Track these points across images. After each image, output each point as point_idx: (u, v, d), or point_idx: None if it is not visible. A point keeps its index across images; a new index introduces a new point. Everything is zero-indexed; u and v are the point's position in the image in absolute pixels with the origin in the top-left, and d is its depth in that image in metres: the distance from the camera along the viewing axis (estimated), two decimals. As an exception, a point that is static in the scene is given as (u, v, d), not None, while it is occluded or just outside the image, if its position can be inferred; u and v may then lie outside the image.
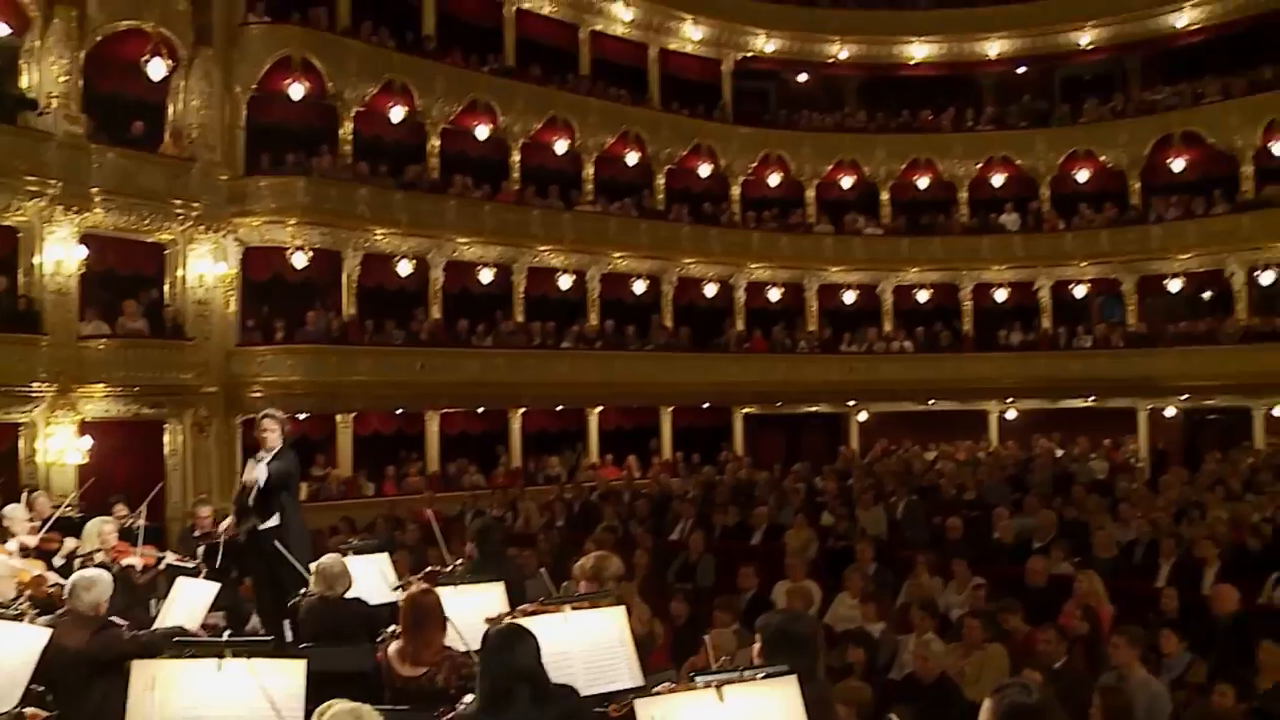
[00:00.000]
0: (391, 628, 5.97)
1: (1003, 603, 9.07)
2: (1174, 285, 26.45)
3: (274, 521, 9.10)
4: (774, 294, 27.98)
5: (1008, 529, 12.57)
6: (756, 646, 4.89)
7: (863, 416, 28.55)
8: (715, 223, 27.37)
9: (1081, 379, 26.07)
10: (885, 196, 29.13)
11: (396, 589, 7.68)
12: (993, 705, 3.78)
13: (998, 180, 28.73)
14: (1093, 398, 26.31)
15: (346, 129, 21.59)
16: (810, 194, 29.00)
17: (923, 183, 29.00)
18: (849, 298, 28.55)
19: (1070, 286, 27.73)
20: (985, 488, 16.50)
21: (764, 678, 4.29)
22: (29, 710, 3.92)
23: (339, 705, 3.78)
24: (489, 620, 5.55)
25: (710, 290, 27.09)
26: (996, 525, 12.82)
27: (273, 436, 9.18)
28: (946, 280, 28.51)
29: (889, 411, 28.24)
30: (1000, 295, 28.20)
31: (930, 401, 27.52)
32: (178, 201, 18.70)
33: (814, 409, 28.35)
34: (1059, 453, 21.52)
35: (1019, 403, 27.51)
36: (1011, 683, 4.02)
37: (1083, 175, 28.07)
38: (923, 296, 28.50)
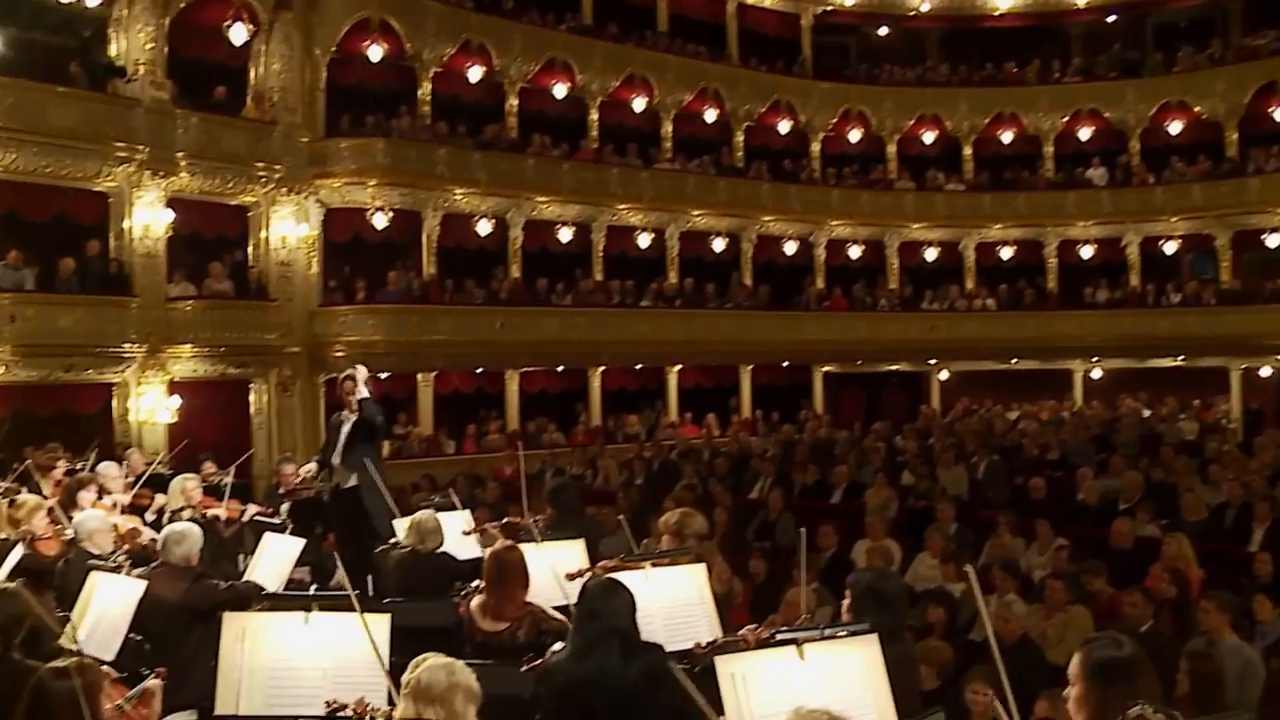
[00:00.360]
0: (474, 583, 6.03)
1: (1086, 564, 8.93)
2: (1272, 240, 25.49)
3: (354, 481, 9.22)
4: (854, 251, 27.69)
5: (1092, 490, 12.37)
6: (845, 603, 4.88)
7: (944, 375, 28.22)
8: (795, 180, 27.10)
9: (1170, 337, 25.38)
10: (968, 151, 28.59)
11: (468, 534, 7.77)
12: (1082, 658, 3.73)
13: (1085, 133, 28.00)
14: (1182, 357, 25.62)
15: (425, 89, 21.71)
16: (891, 150, 28.57)
17: (1006, 137, 28.40)
18: (930, 255, 28.15)
19: (1160, 242, 26.99)
20: (1069, 448, 16.25)
21: (846, 636, 4.28)
22: (149, 682, 4.06)
23: (433, 659, 3.83)
24: (569, 576, 5.59)
25: (790, 248, 26.86)
26: (1080, 486, 12.63)
27: (354, 397, 9.30)
28: (1030, 237, 27.96)
29: (971, 370, 27.87)
30: (1086, 252, 27.52)
31: (1013, 360, 27.09)
32: (260, 164, 18.97)
33: (894, 368, 28.11)
34: (1146, 413, 21.12)
35: (1104, 362, 26.96)
36: (1101, 636, 3.97)
37: (1175, 127, 27.19)
38: (1006, 253, 27.99)
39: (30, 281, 16.41)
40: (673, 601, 5.51)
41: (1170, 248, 26.93)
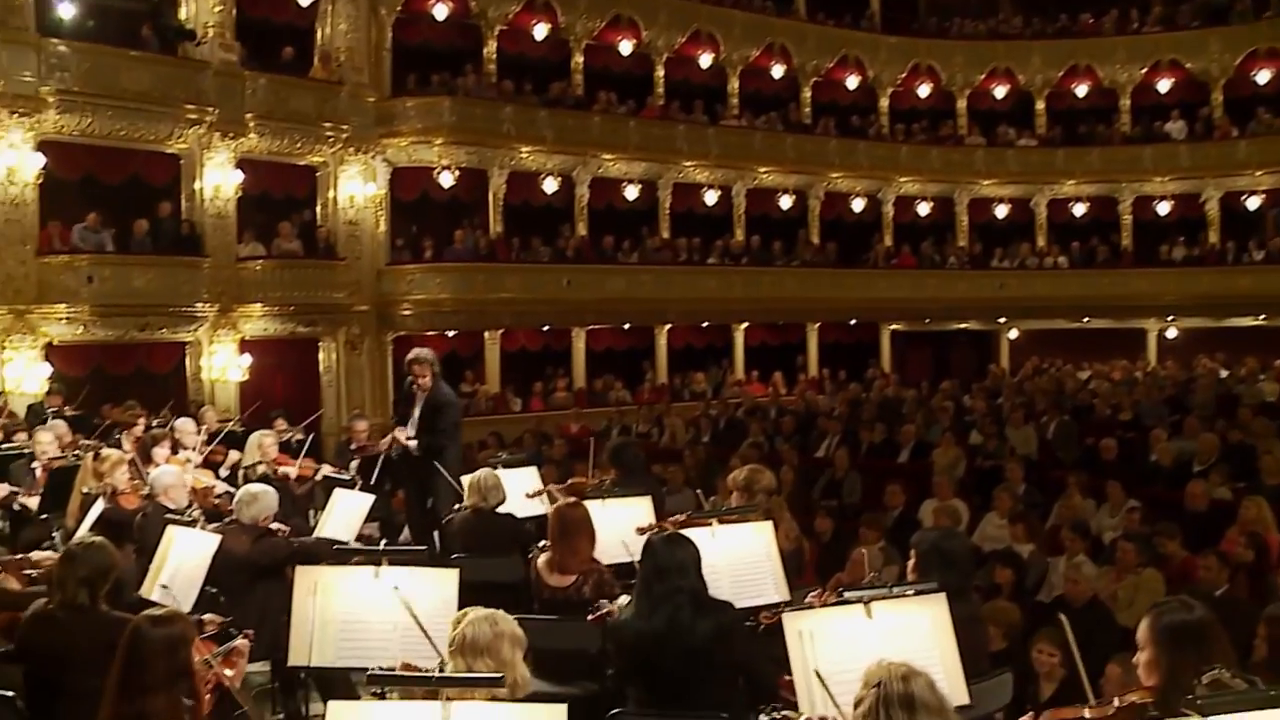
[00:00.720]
0: (542, 542, 6.08)
1: (1160, 526, 8.78)
2: (1363, 195, 24.64)
3: (421, 450, 9.30)
4: (923, 208, 27.33)
5: (1166, 451, 12.13)
6: (910, 562, 4.86)
7: (1013, 334, 27.86)
8: (863, 136, 26.76)
9: (1251, 296, 24.72)
10: (1040, 106, 28.01)
11: (533, 496, 7.83)
12: (1151, 622, 3.69)
13: (1164, 85, 27.24)
14: (1263, 316, 24.97)
15: (490, 48, 21.72)
16: (961, 105, 28.08)
17: (1081, 90, 27.77)
18: (1001, 212, 27.72)
19: (1242, 198, 26.22)
20: (1142, 408, 15.95)
21: (913, 595, 4.26)
22: (207, 616, 4.18)
23: (474, 612, 3.88)
24: (640, 530, 5.62)
25: (858, 205, 26.58)
26: (1153, 447, 12.40)
27: (424, 380, 9.40)
28: (1105, 193, 27.35)
29: (1041, 329, 27.47)
30: (1163, 208, 26.84)
31: (1085, 319, 26.65)
32: (327, 124, 19.10)
33: (963, 326, 27.78)
34: (1223, 373, 20.64)
35: (1180, 321, 26.41)
36: (1171, 599, 3.91)
37: (1263, 77, 26.27)
38: (1079, 210, 27.44)
39: (109, 243, 16.76)
40: (740, 558, 5.52)
41: (1253, 203, 26.15)
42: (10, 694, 4.48)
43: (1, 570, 5.37)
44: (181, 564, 6.10)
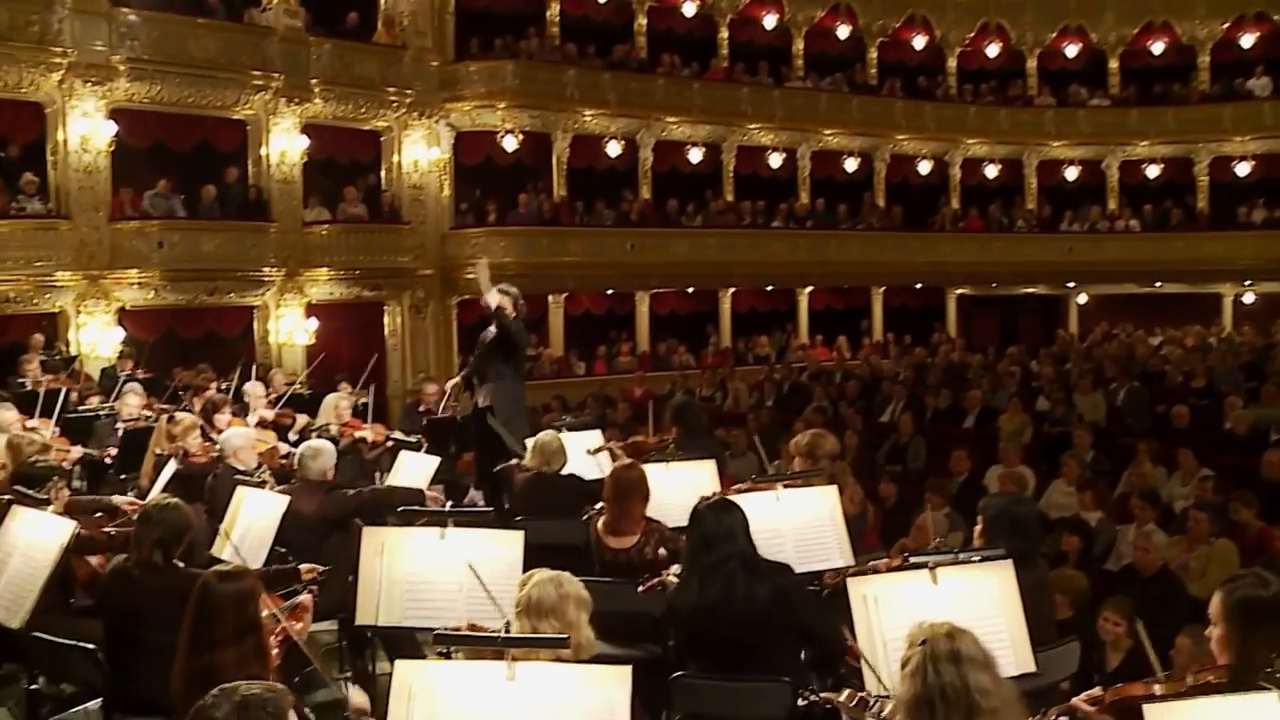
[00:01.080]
0: (598, 504, 6.09)
1: (1235, 495, 8.61)
2: None
3: (487, 400, 9.28)
4: (991, 171, 26.90)
5: (1241, 419, 11.86)
6: (977, 528, 4.81)
7: (1082, 299, 27.42)
8: (930, 97, 26.37)
9: (1336, 259, 24.07)
10: (1114, 64, 27.34)
11: (594, 452, 7.83)
12: (1224, 597, 3.62)
13: (1247, 41, 26.35)
14: (1349, 281, 24.33)
15: (553, 10, 21.68)
16: (1031, 64, 27.49)
17: (1157, 48, 27.04)
18: (1071, 174, 27.20)
19: (1328, 157, 25.48)
20: (1216, 375, 15.60)
21: (980, 561, 4.22)
22: (305, 565, 4.25)
23: (540, 574, 3.90)
24: (704, 499, 5.61)
25: (924, 167, 26.22)
26: (1228, 415, 12.13)
27: (508, 309, 9.32)
28: (1180, 154, 26.67)
29: (1110, 294, 27.00)
30: (1242, 169, 26.06)
31: (1157, 284, 26.14)
32: (391, 89, 19.19)
33: (1031, 290, 27.39)
34: (1303, 338, 20.16)
35: (1258, 285, 25.77)
36: (1246, 574, 3.83)
37: (1354, 29, 25.46)
38: (1153, 172, 26.82)
39: (178, 209, 17.02)
40: (804, 523, 5.50)
41: (1340, 163, 25.38)
42: (91, 647, 4.60)
43: (84, 529, 5.50)
44: (251, 524, 6.20)
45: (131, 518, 6.36)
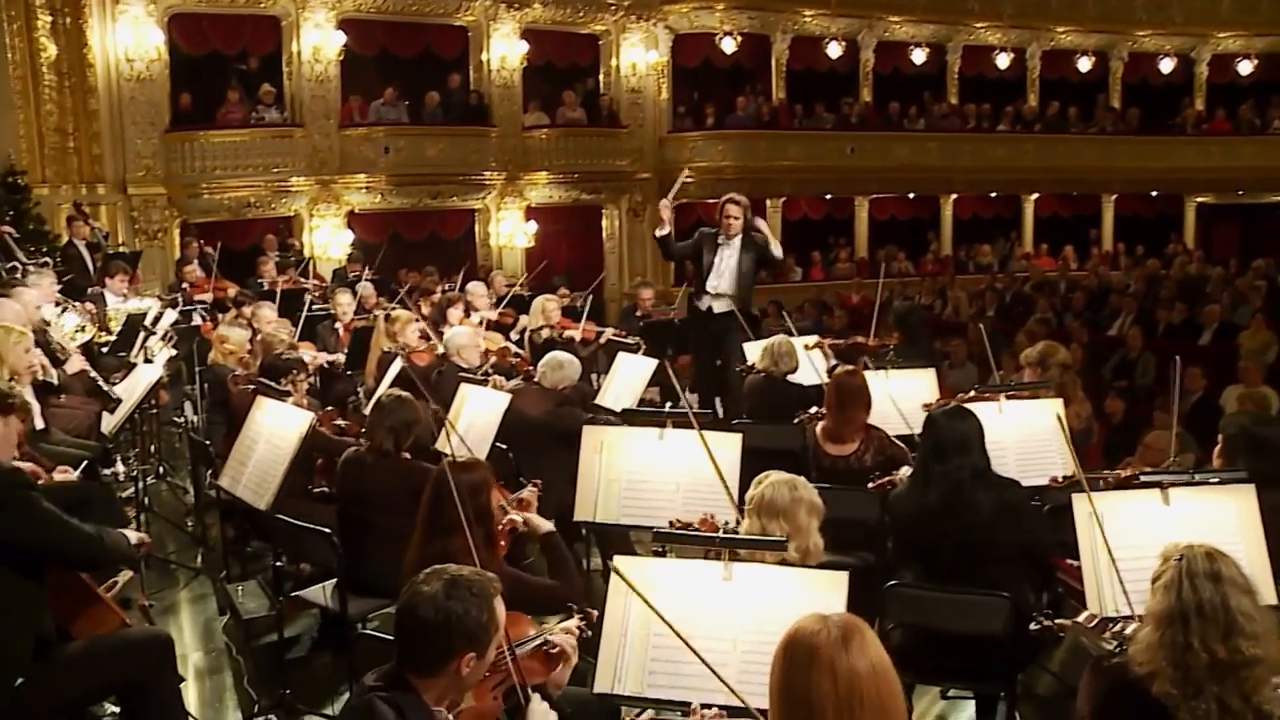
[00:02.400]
0: (812, 409, 6.05)
1: None
2: None
3: (725, 307, 9.22)
4: (1244, 67, 24.87)
5: None
6: (1216, 449, 4.56)
7: (1340, 208, 25.41)
8: (1176, -13, 24.63)
9: None
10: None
11: (811, 348, 7.75)
12: None
13: None
14: None
15: (769, -90, 21.14)
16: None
17: None
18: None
19: None
20: None
21: (1218, 482, 4.01)
22: (526, 491, 4.41)
23: (775, 475, 3.89)
24: (926, 406, 5.52)
25: (1166, 66, 24.52)
26: None
27: (736, 223, 9.28)
28: None
29: (1374, 203, 24.93)
30: None
31: None
32: (609, -8, 19.22)
33: (1280, 198, 25.55)
34: None
35: None
36: None
37: None
38: None
39: (404, 115, 17.56)
40: (1026, 435, 5.36)
41: None
42: (327, 531, 4.87)
43: (318, 424, 5.80)
44: (474, 420, 6.41)
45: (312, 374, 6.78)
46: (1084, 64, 23.80)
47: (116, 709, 4.08)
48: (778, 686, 2.27)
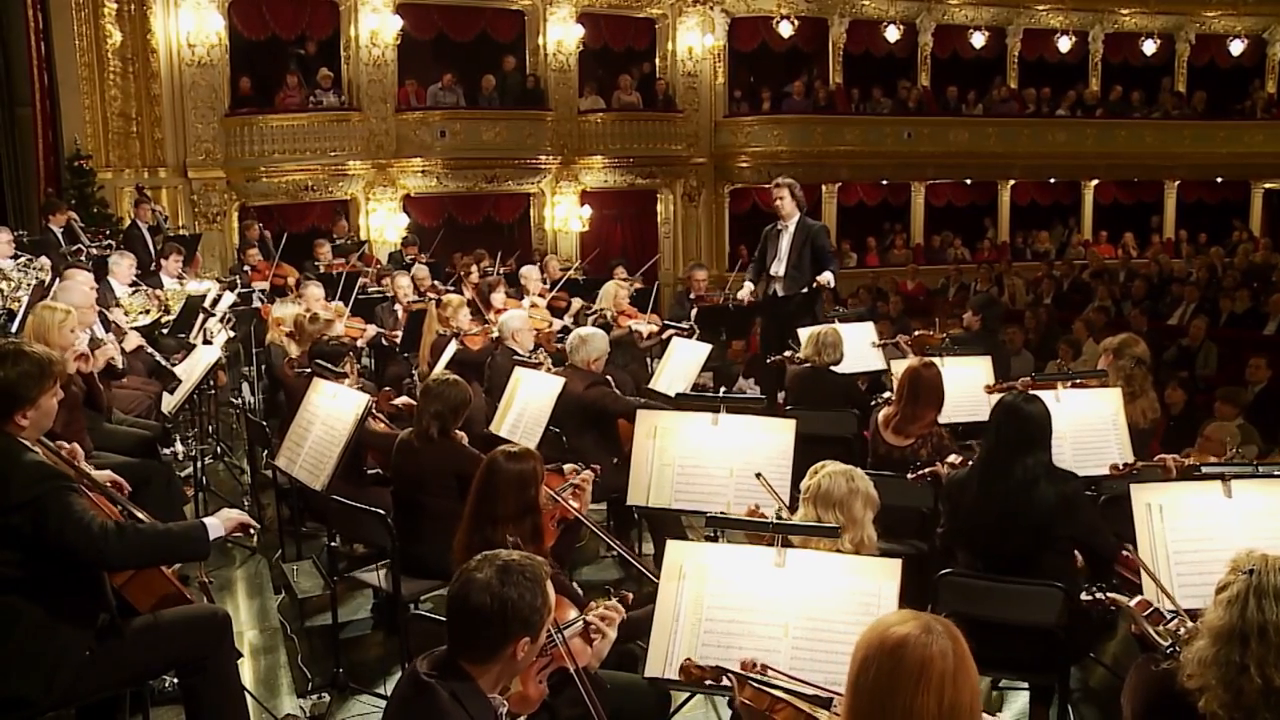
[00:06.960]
0: (885, 394, 6.01)
1: None
2: None
3: (786, 291, 9.17)
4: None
5: None
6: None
7: None
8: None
9: None
10: None
11: (878, 345, 7.73)
12: None
13: None
14: None
15: (832, -107, 20.94)
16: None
17: None
18: None
19: None
20: None
21: (1283, 475, 3.93)
22: (567, 466, 4.42)
23: (832, 465, 3.88)
24: (988, 389, 5.47)
25: (1235, 48, 23.94)
26: None
27: (786, 205, 9.21)
28: None
29: None
30: None
31: None
32: (666, -24, 19.14)
33: (1352, 185, 24.96)
34: None
35: None
36: None
37: None
38: None
39: (460, 99, 17.63)
40: (1083, 425, 5.31)
41: None
42: (381, 512, 4.92)
43: (375, 401, 5.86)
44: (528, 404, 6.43)
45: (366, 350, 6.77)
46: (1149, 47, 23.34)
47: (176, 680, 4.14)
48: (871, 687, 2.13)
